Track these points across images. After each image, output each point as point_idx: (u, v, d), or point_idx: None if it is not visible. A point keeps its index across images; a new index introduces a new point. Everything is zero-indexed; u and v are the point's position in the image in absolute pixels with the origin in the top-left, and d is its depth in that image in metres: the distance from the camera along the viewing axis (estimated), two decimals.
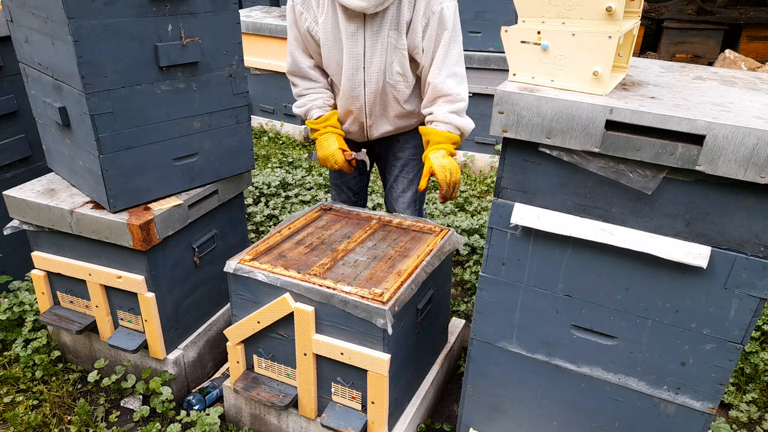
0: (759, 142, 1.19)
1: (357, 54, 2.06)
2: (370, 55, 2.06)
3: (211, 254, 2.36)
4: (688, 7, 7.41)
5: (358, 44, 2.05)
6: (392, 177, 2.42)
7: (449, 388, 2.42)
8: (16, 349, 2.46)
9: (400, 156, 2.36)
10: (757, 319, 1.49)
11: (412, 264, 1.91)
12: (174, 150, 2.08)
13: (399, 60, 2.07)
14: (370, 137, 2.31)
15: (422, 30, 2.00)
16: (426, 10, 1.97)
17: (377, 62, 2.07)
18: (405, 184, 2.40)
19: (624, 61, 1.55)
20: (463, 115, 2.11)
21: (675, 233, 1.39)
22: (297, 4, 2.10)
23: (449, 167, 2.06)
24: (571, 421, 1.74)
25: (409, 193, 2.41)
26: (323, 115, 2.25)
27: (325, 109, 2.25)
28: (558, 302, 1.60)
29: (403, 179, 2.39)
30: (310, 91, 2.24)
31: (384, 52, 2.05)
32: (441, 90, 2.05)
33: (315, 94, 2.24)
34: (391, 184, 2.44)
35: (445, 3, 1.97)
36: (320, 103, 2.24)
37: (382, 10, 1.96)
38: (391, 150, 2.38)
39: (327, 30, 2.07)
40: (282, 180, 4.15)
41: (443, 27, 1.99)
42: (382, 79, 2.10)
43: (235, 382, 2.03)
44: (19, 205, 2.14)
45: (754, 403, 2.33)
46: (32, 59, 2.08)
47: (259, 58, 4.99)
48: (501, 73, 4.16)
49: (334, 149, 2.21)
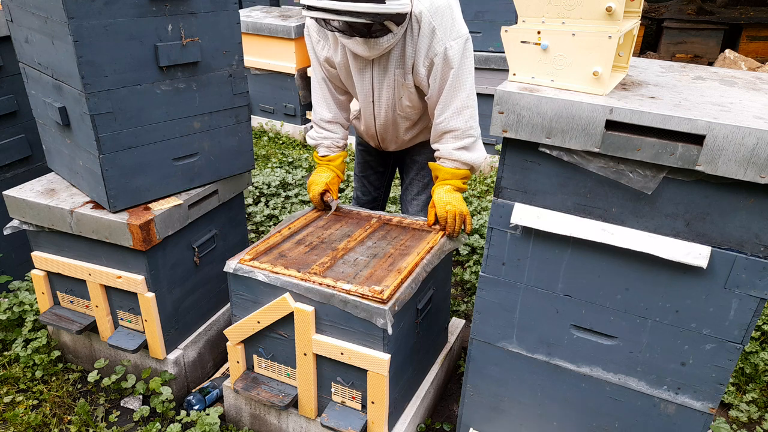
0: (759, 142, 1.19)
1: (366, 90, 2.09)
2: (378, 91, 2.07)
3: (211, 254, 2.36)
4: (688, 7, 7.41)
5: (366, 81, 2.06)
6: (408, 179, 2.45)
7: (449, 388, 2.42)
8: (16, 349, 2.46)
9: (417, 159, 2.38)
10: (757, 319, 1.49)
11: (413, 262, 1.90)
12: (174, 150, 2.08)
13: (407, 95, 2.07)
14: (384, 147, 2.37)
15: (426, 70, 1.96)
16: (429, 51, 1.91)
17: (386, 97, 2.08)
18: (419, 187, 2.42)
19: (624, 61, 1.55)
20: (474, 149, 2.06)
21: (675, 233, 1.39)
22: (312, 33, 2.09)
23: (451, 202, 2.04)
24: (571, 421, 1.74)
25: (423, 196, 2.43)
26: (328, 155, 2.29)
27: (333, 150, 2.29)
28: (558, 302, 1.60)
29: (417, 183, 2.41)
30: (327, 128, 2.27)
31: (391, 89, 2.06)
32: (446, 127, 2.02)
33: (330, 132, 2.27)
34: (406, 185, 2.47)
35: (449, 42, 1.89)
36: (328, 144, 2.28)
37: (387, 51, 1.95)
38: (409, 153, 2.41)
39: (340, 62, 2.08)
40: (282, 180, 4.15)
41: (449, 66, 1.92)
42: (391, 112, 2.13)
43: (235, 382, 2.03)
44: (19, 205, 2.14)
45: (754, 403, 2.33)
46: (32, 59, 2.07)
47: (259, 58, 4.99)
48: (501, 73, 4.16)
49: (317, 187, 2.24)
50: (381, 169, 2.60)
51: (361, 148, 2.57)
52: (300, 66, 4.90)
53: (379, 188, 2.65)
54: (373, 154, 2.55)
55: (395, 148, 2.36)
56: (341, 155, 2.30)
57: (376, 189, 2.64)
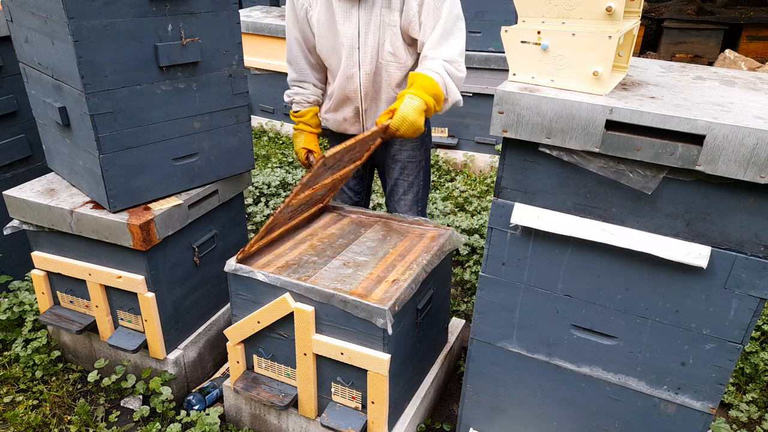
0: (759, 142, 1.19)
1: (352, 34, 2.07)
2: (364, 34, 2.06)
3: (211, 254, 2.36)
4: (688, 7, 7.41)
5: (352, 23, 2.05)
6: (392, 180, 2.42)
7: (449, 388, 2.42)
8: (16, 349, 2.46)
9: (398, 158, 2.35)
10: (757, 319, 1.49)
11: (413, 263, 1.90)
12: (174, 150, 2.08)
13: (390, 39, 2.06)
14: (365, 126, 2.30)
15: (418, 5, 1.97)
16: None
17: (372, 40, 2.07)
18: (405, 186, 2.39)
19: (624, 61, 1.55)
20: (456, 82, 2.01)
21: (675, 233, 1.39)
22: None
23: (406, 113, 1.89)
24: (571, 421, 1.74)
25: (410, 195, 2.41)
26: (300, 111, 2.34)
27: (303, 105, 2.34)
28: (558, 302, 1.60)
29: (403, 182, 2.39)
30: (297, 85, 2.32)
31: (378, 30, 2.05)
32: (438, 54, 1.98)
33: (300, 89, 2.32)
34: (391, 187, 2.44)
35: None
36: (299, 99, 2.33)
37: None
38: (389, 153, 2.37)
39: (321, 13, 2.09)
40: (282, 180, 4.15)
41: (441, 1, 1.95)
42: (376, 58, 2.11)
43: (235, 382, 2.03)
44: (19, 205, 2.14)
45: (754, 403, 2.33)
46: (32, 59, 2.07)
47: (259, 58, 4.99)
48: (501, 73, 4.16)
49: (299, 147, 2.37)
50: (361, 173, 2.52)
51: None
52: None
53: (359, 193, 2.59)
54: None
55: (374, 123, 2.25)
56: (311, 110, 2.34)
57: (357, 194, 2.58)
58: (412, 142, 2.32)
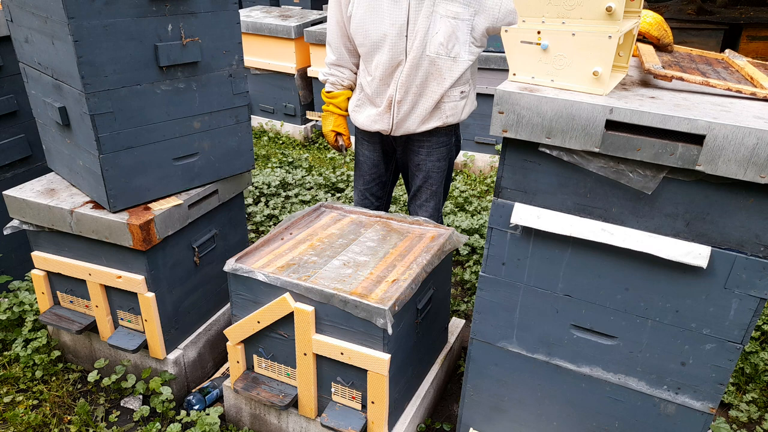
0: (759, 142, 1.19)
1: (401, 21, 2.05)
2: (414, 21, 2.04)
3: (211, 254, 2.36)
4: (688, 7, 7.41)
5: (402, 9, 2.03)
6: (415, 187, 2.44)
7: (449, 388, 2.42)
8: (16, 349, 2.46)
9: (423, 168, 2.36)
10: (757, 319, 1.49)
11: (413, 263, 1.90)
12: (174, 150, 2.08)
13: (444, 29, 2.01)
14: (395, 131, 2.26)
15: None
16: None
17: (421, 28, 2.03)
18: (428, 194, 2.41)
19: (624, 61, 1.55)
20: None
21: (675, 233, 1.39)
22: None
23: None
24: (571, 421, 1.74)
25: (432, 203, 2.43)
26: (333, 92, 2.37)
27: (337, 87, 2.36)
28: (558, 302, 1.60)
29: (426, 190, 2.41)
30: (334, 67, 2.33)
31: (427, 19, 2.01)
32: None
33: (335, 69, 2.34)
34: (414, 192, 2.46)
35: None
36: (333, 80, 2.36)
37: None
38: (414, 161, 2.37)
39: (363, 3, 2.08)
40: (282, 180, 4.15)
41: None
42: (422, 50, 2.05)
43: (235, 382, 2.03)
44: (19, 205, 2.14)
45: (754, 403, 2.33)
46: (32, 59, 2.07)
47: (259, 58, 4.99)
48: (501, 73, 4.16)
49: (328, 130, 2.42)
50: (384, 179, 2.53)
51: (361, 158, 2.48)
52: (300, 66, 4.90)
53: (381, 198, 2.58)
54: (376, 163, 2.46)
55: (405, 129, 2.23)
56: (344, 93, 2.37)
57: (378, 199, 2.58)
58: (438, 152, 2.33)
